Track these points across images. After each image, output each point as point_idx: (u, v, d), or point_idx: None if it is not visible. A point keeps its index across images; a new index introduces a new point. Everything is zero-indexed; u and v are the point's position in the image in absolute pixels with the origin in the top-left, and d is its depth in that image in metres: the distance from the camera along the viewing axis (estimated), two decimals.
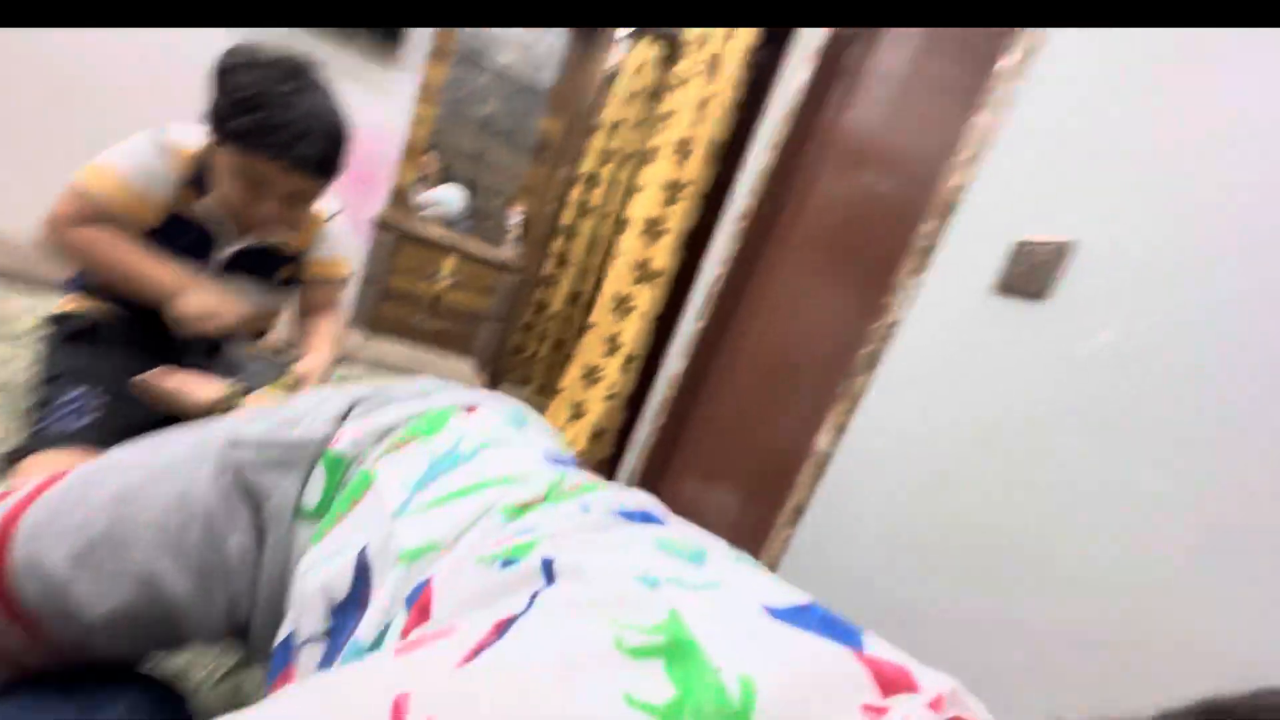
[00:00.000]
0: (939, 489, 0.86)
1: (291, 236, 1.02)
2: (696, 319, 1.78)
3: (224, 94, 0.81)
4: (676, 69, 2.03)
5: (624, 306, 1.96)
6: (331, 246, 1.10)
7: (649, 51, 2.66)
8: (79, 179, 0.87)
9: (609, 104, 2.88)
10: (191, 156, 0.90)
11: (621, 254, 1.94)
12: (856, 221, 1.33)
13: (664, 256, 1.89)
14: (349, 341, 1.60)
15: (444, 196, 2.79)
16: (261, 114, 0.80)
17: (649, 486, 1.83)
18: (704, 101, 1.82)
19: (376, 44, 2.05)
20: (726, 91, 1.79)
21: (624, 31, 2.69)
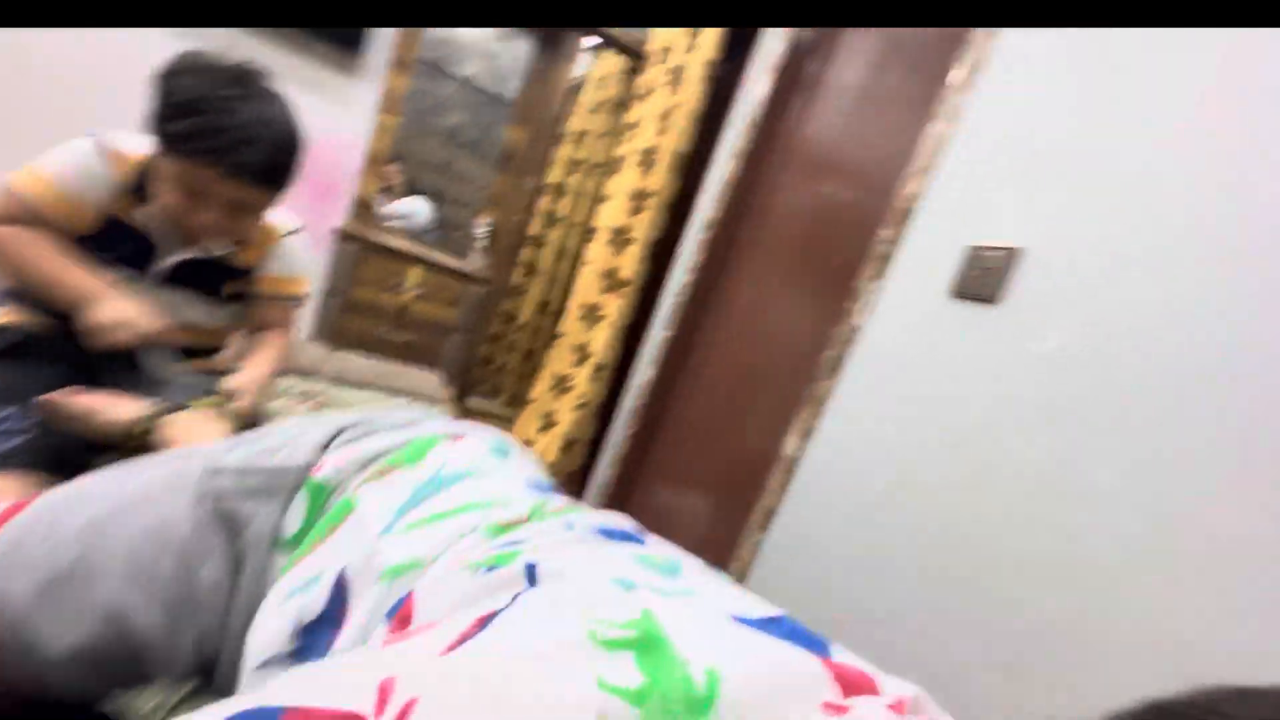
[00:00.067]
0: (902, 489, 0.88)
1: (241, 249, 0.98)
2: (665, 327, 1.79)
3: (164, 97, 0.78)
4: (640, 80, 2.05)
5: (593, 315, 1.96)
6: (288, 263, 1.06)
7: (613, 63, 2.69)
8: (11, 180, 0.83)
9: (575, 114, 2.90)
10: (136, 162, 0.87)
11: (589, 263, 1.95)
12: (818, 229, 1.35)
13: (631, 266, 1.90)
14: (309, 356, 1.55)
15: (410, 209, 2.75)
16: (200, 118, 0.77)
17: (622, 495, 1.83)
18: (667, 112, 1.84)
19: (336, 53, 2.02)
20: (689, 103, 1.81)
21: (589, 42, 2.71)
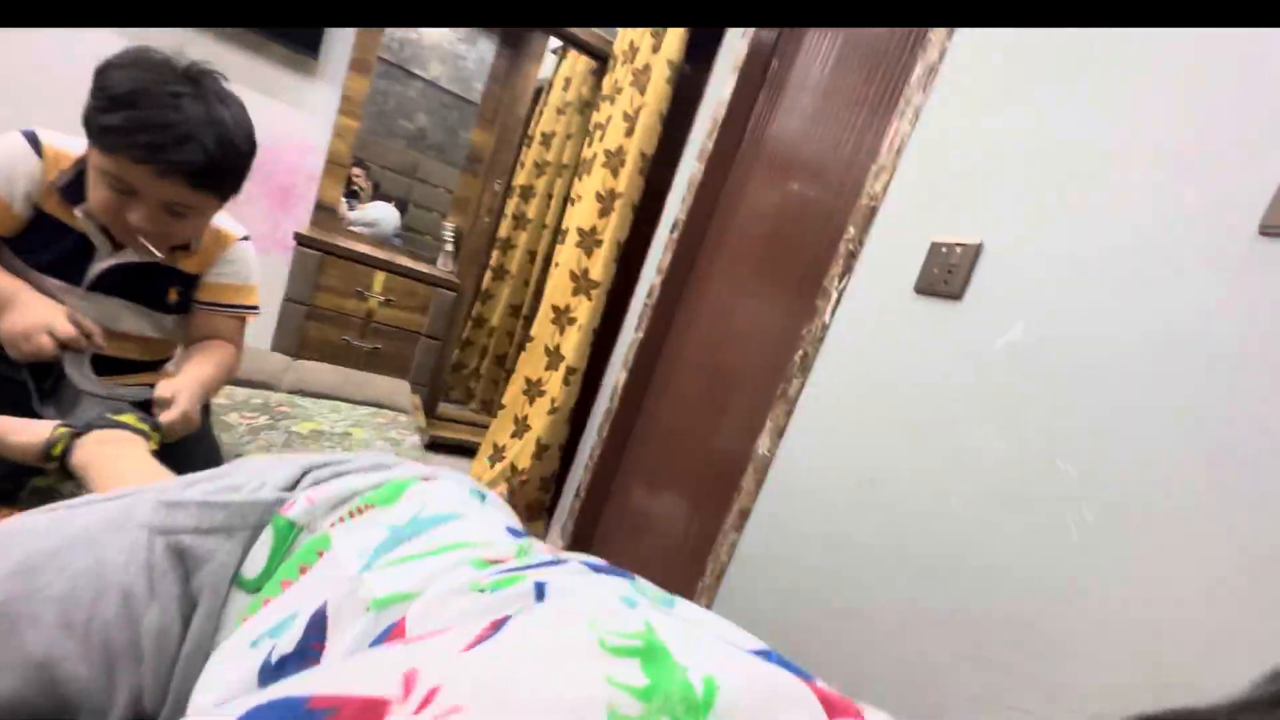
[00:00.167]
0: (872, 486, 0.88)
1: (186, 255, 0.93)
2: (635, 330, 1.78)
3: (101, 89, 0.74)
4: (606, 81, 2.04)
5: (564, 319, 1.94)
6: (236, 271, 1.01)
7: (579, 64, 2.67)
8: None
9: (541, 116, 2.87)
10: (72, 160, 0.83)
11: (559, 264, 1.93)
12: (786, 228, 1.36)
13: (600, 268, 1.89)
14: (269, 365, 1.50)
15: (377, 216, 2.69)
16: (134, 111, 0.73)
17: (597, 500, 1.81)
18: (633, 113, 1.83)
19: (293, 54, 1.96)
20: (655, 103, 1.81)
21: (554, 43, 2.69)
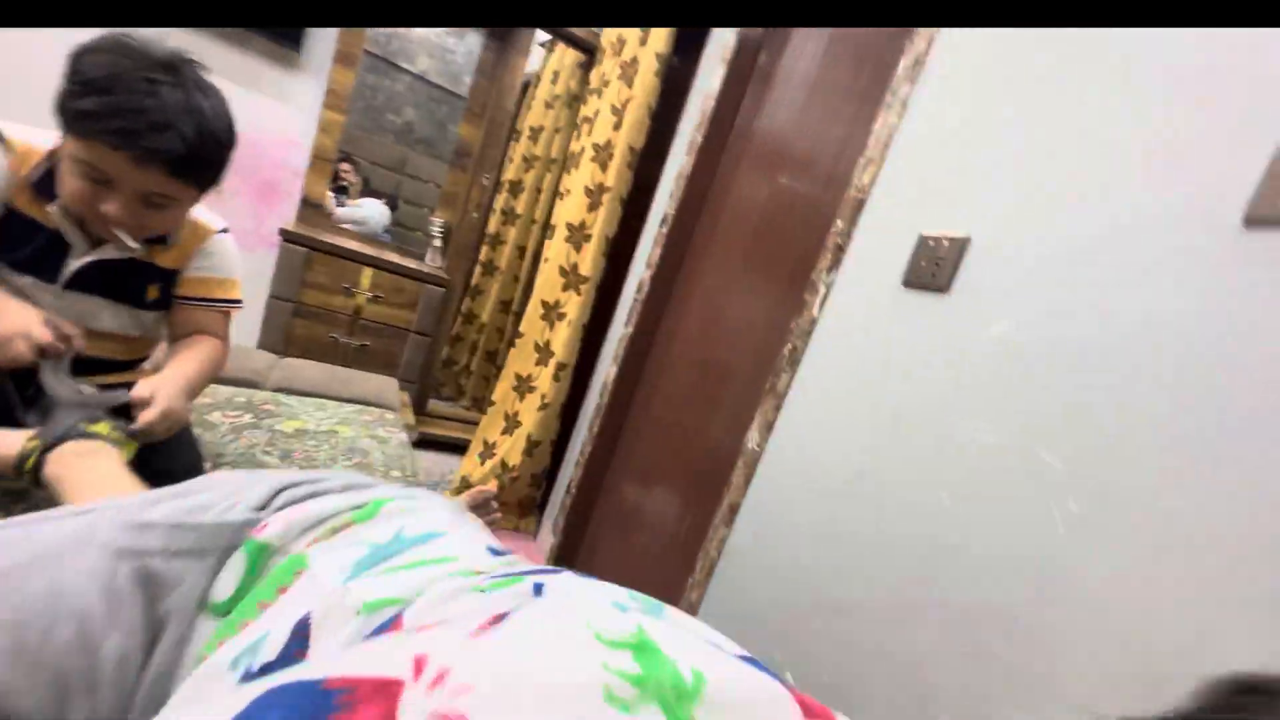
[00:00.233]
0: (860, 480, 0.88)
1: (164, 249, 0.91)
2: (625, 324, 1.77)
3: (75, 74, 0.71)
4: (594, 75, 2.02)
5: (554, 314, 1.93)
6: (215, 265, 0.98)
7: (567, 57, 2.65)
8: None
9: (529, 110, 2.85)
10: (43, 154, 0.80)
11: (549, 259, 1.91)
12: (775, 222, 1.36)
13: (589, 263, 1.88)
14: (254, 363, 1.48)
15: (367, 214, 2.66)
16: (110, 97, 0.70)
17: (588, 496, 1.80)
18: (621, 107, 1.82)
19: (276, 48, 1.93)
20: (643, 96, 1.79)
21: (542, 37, 2.66)
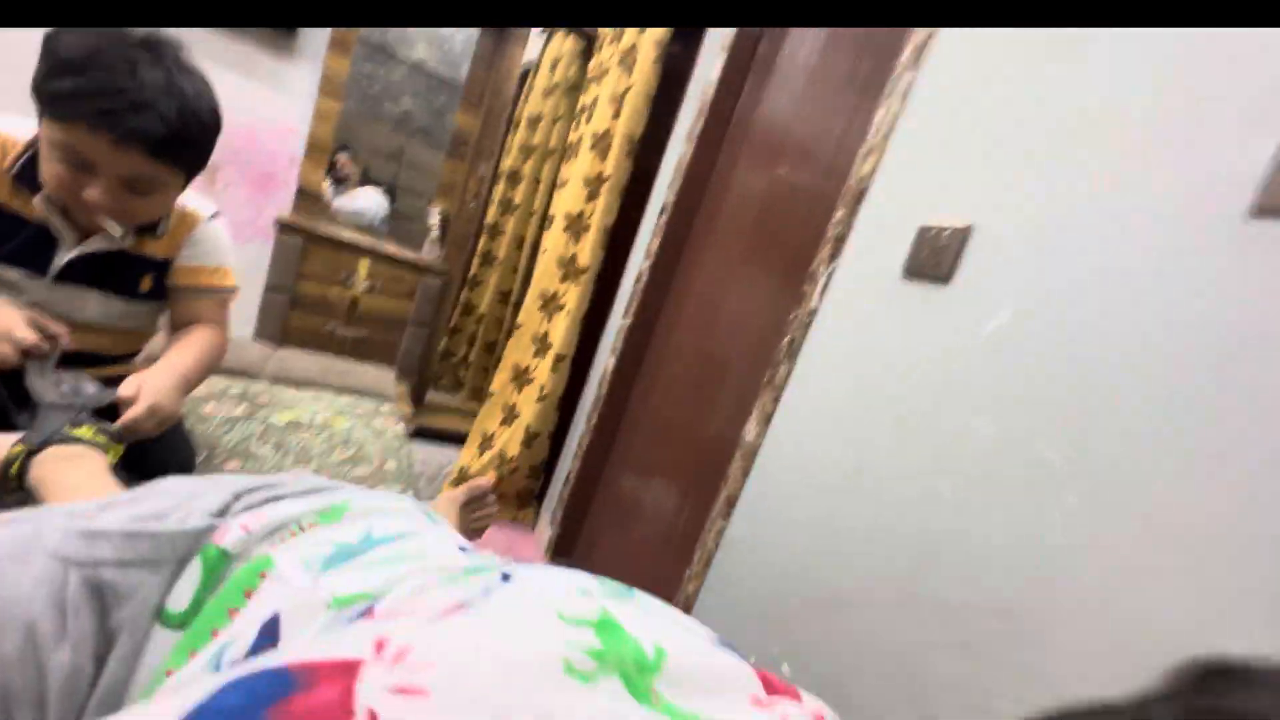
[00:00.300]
0: (858, 473, 0.88)
1: (154, 238, 0.89)
2: (624, 315, 1.76)
3: (51, 54, 0.68)
4: (593, 63, 2.00)
5: (552, 305, 1.92)
6: (206, 252, 0.96)
7: (566, 45, 2.62)
8: None
9: (528, 99, 2.82)
10: (21, 145, 0.79)
11: (547, 250, 1.90)
12: (774, 212, 1.34)
13: (588, 253, 1.86)
14: (249, 354, 1.47)
15: (364, 206, 2.64)
16: (88, 77, 0.67)
17: (586, 488, 1.80)
18: (620, 95, 1.80)
19: (269, 33, 1.91)
20: (642, 85, 1.77)
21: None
